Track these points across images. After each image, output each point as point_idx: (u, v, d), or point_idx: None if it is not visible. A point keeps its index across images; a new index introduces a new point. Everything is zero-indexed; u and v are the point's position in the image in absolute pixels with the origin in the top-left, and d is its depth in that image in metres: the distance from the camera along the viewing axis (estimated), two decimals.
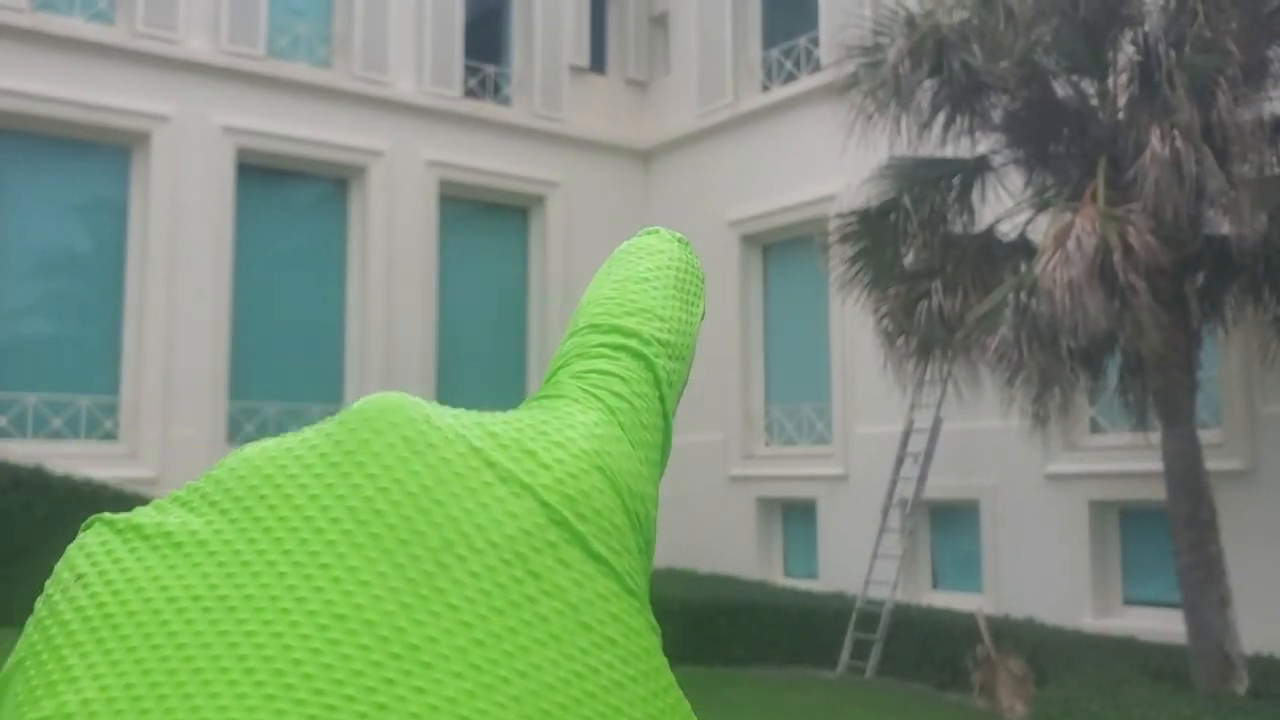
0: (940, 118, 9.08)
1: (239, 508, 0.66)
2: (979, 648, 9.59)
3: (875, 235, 9.47)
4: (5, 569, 9.32)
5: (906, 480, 11.95)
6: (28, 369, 12.48)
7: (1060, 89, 8.84)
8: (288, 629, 0.60)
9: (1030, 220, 9.17)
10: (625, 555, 0.71)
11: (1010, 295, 7.72)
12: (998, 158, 9.37)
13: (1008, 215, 9.35)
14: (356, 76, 14.62)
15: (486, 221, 15.94)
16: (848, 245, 9.75)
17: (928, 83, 8.81)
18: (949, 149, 9.32)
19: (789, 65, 15.30)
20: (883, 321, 9.36)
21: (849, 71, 9.32)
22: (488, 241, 15.94)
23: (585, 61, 16.68)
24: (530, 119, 16.05)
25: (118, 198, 13.18)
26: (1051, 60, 8.65)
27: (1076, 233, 7.38)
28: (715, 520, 14.98)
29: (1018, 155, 9.23)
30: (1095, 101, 8.68)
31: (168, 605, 0.60)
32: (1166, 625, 9.62)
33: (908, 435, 12.03)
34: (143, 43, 13.10)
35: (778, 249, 15.18)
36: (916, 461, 11.83)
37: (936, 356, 9.34)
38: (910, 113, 8.92)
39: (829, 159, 11.79)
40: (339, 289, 14.50)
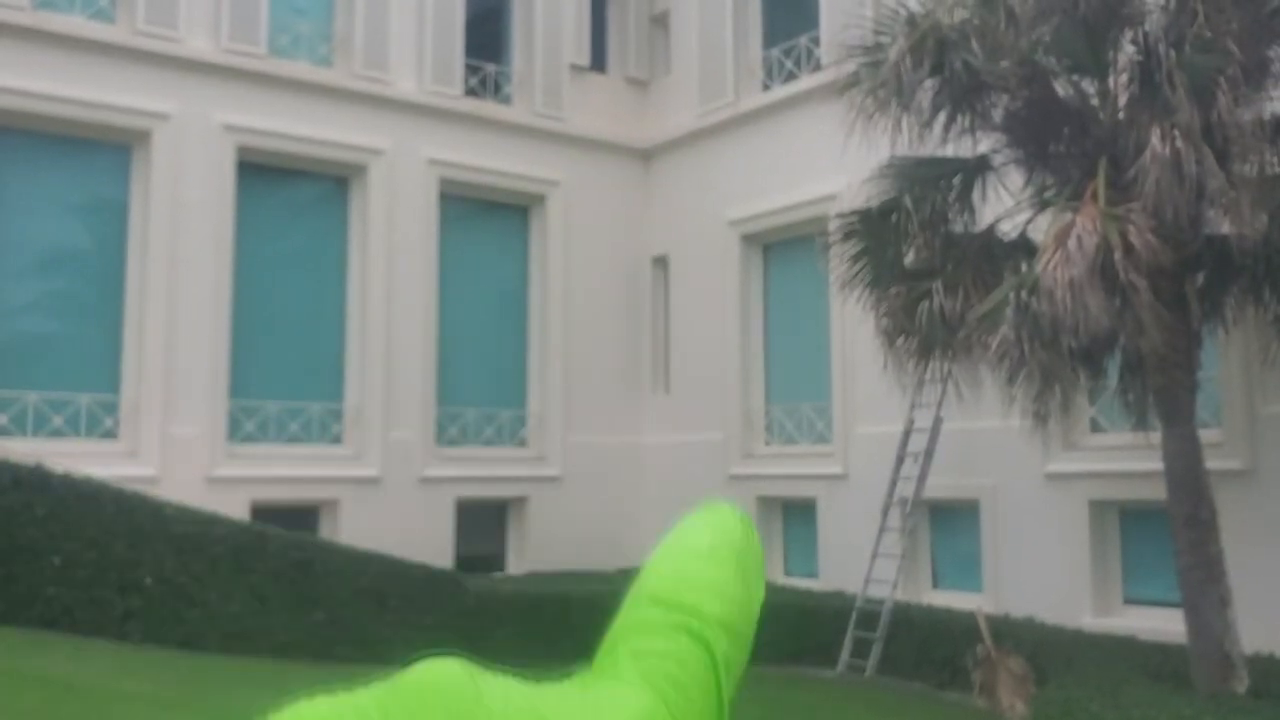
0: (941, 117, 9.06)
1: None
2: (979, 647, 9.59)
3: (876, 235, 9.47)
4: (5, 567, 9.31)
5: (907, 480, 11.96)
6: (28, 367, 12.47)
7: (1061, 88, 8.84)
8: None
9: (1031, 220, 9.17)
10: None
11: (1011, 294, 7.71)
12: (998, 157, 9.37)
13: (1008, 215, 9.34)
14: (357, 75, 14.62)
15: (487, 220, 15.94)
16: (848, 245, 9.75)
17: (928, 82, 8.80)
18: (950, 148, 9.31)
19: (790, 64, 15.29)
20: (883, 321, 9.36)
21: (850, 71, 9.31)
22: (488, 240, 15.93)
23: (586, 60, 16.68)
24: (531, 118, 16.05)
25: (118, 196, 13.18)
26: (1052, 60, 8.64)
27: (1077, 232, 7.37)
28: None
29: (1018, 155, 9.23)
30: (1096, 101, 8.68)
31: None
32: (1166, 625, 9.62)
33: (908, 435, 12.04)
34: (143, 41, 13.10)
35: (778, 248, 15.18)
36: (917, 461, 11.84)
37: (937, 356, 9.33)
38: (911, 112, 8.91)
39: (830, 158, 11.78)
40: (339, 287, 14.49)
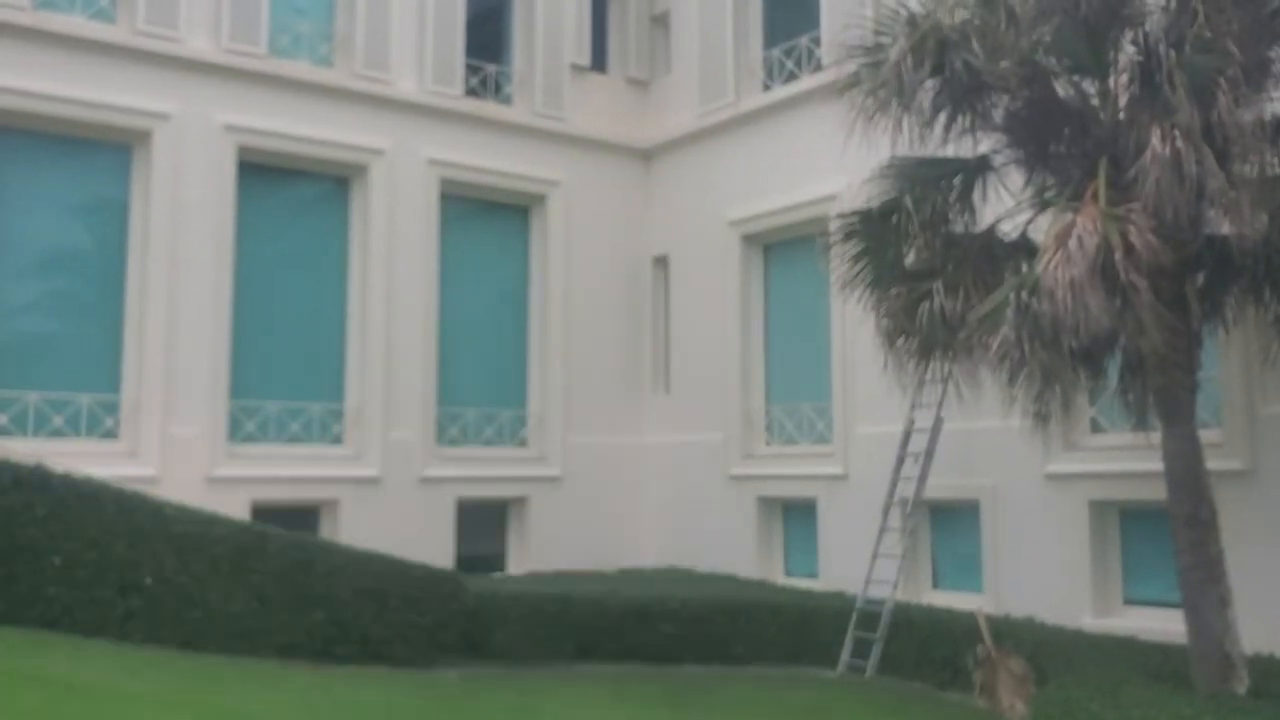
0: (941, 117, 9.05)
1: None
2: (979, 647, 9.59)
3: (876, 235, 9.47)
4: (6, 567, 9.29)
5: (907, 480, 11.95)
6: (28, 367, 12.48)
7: (1061, 89, 8.83)
8: None
9: (1031, 220, 9.17)
10: None
11: (1012, 295, 7.70)
12: (999, 157, 9.36)
13: (1009, 215, 9.34)
14: (358, 75, 14.62)
15: (487, 220, 15.94)
16: (849, 245, 9.75)
17: (929, 82, 8.79)
18: (950, 149, 9.30)
19: (790, 65, 15.30)
20: (883, 321, 9.36)
21: (850, 71, 9.30)
22: (489, 240, 15.93)
23: (586, 60, 16.69)
24: (531, 118, 16.06)
25: (119, 196, 13.18)
26: (1052, 60, 8.63)
27: (1078, 232, 7.37)
28: (716, 519, 15.00)
29: (1019, 155, 9.22)
30: (1096, 101, 8.67)
31: None
32: (1167, 625, 9.62)
33: (908, 435, 12.04)
34: (144, 41, 13.11)
35: (779, 249, 15.18)
36: (917, 461, 11.83)
37: (937, 356, 9.33)
38: (911, 112, 8.90)
39: (830, 159, 11.78)
40: (340, 287, 14.49)
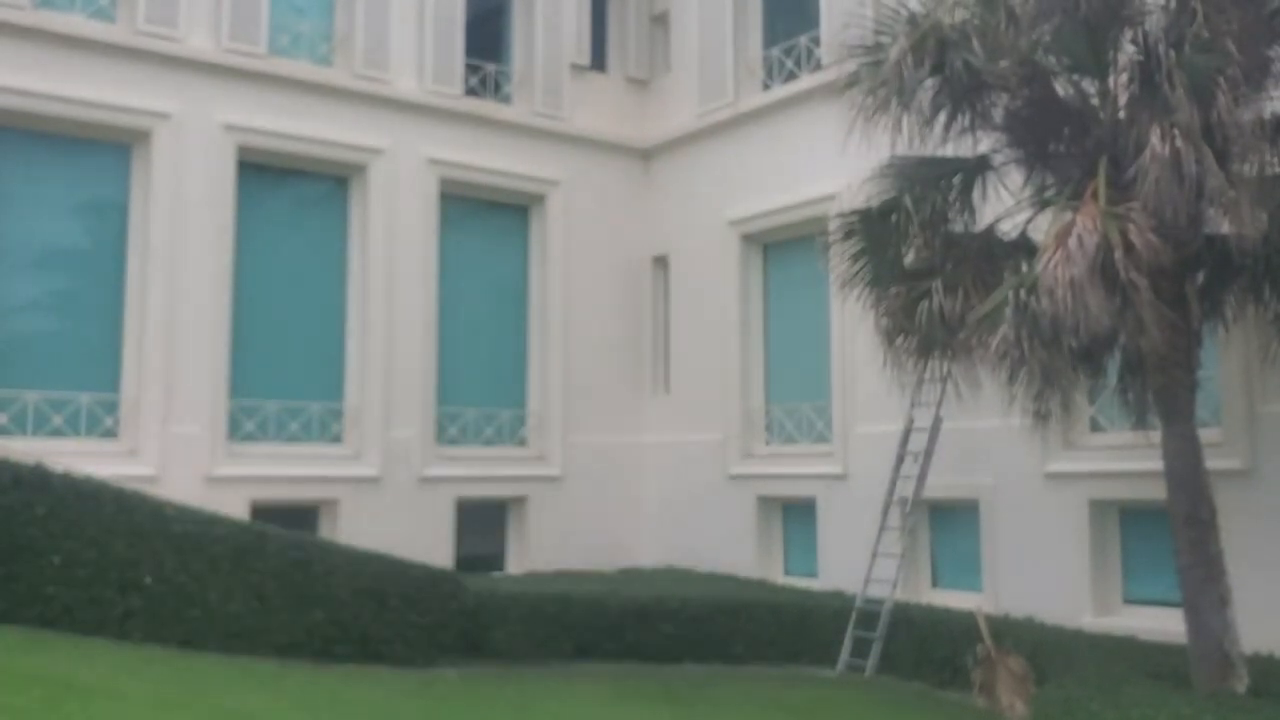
0: (941, 117, 9.04)
1: None
2: (979, 646, 9.60)
3: (876, 234, 9.45)
4: (5, 566, 9.29)
5: (906, 479, 11.96)
6: (28, 366, 12.47)
7: (1061, 88, 8.83)
8: None
9: (1031, 219, 9.16)
10: None
11: (1011, 294, 7.70)
12: (998, 157, 9.36)
13: (1008, 214, 9.34)
14: (357, 74, 14.62)
15: (487, 219, 15.94)
16: (848, 244, 9.74)
17: (929, 82, 8.78)
18: (950, 148, 9.29)
19: (790, 64, 15.30)
20: (883, 321, 9.35)
21: (850, 70, 9.29)
22: (488, 239, 15.93)
23: (586, 60, 16.68)
24: (531, 117, 16.06)
25: (118, 195, 13.18)
26: (1052, 60, 8.63)
27: (1078, 231, 7.37)
28: (715, 519, 15.00)
29: (1018, 154, 9.21)
30: (1096, 101, 8.67)
31: None
32: (1166, 624, 9.62)
33: (908, 434, 12.05)
34: (144, 40, 13.10)
35: (778, 248, 15.18)
36: (916, 460, 11.85)
37: (936, 356, 9.32)
38: (911, 112, 8.89)
39: (830, 158, 11.76)
40: (339, 287, 14.49)
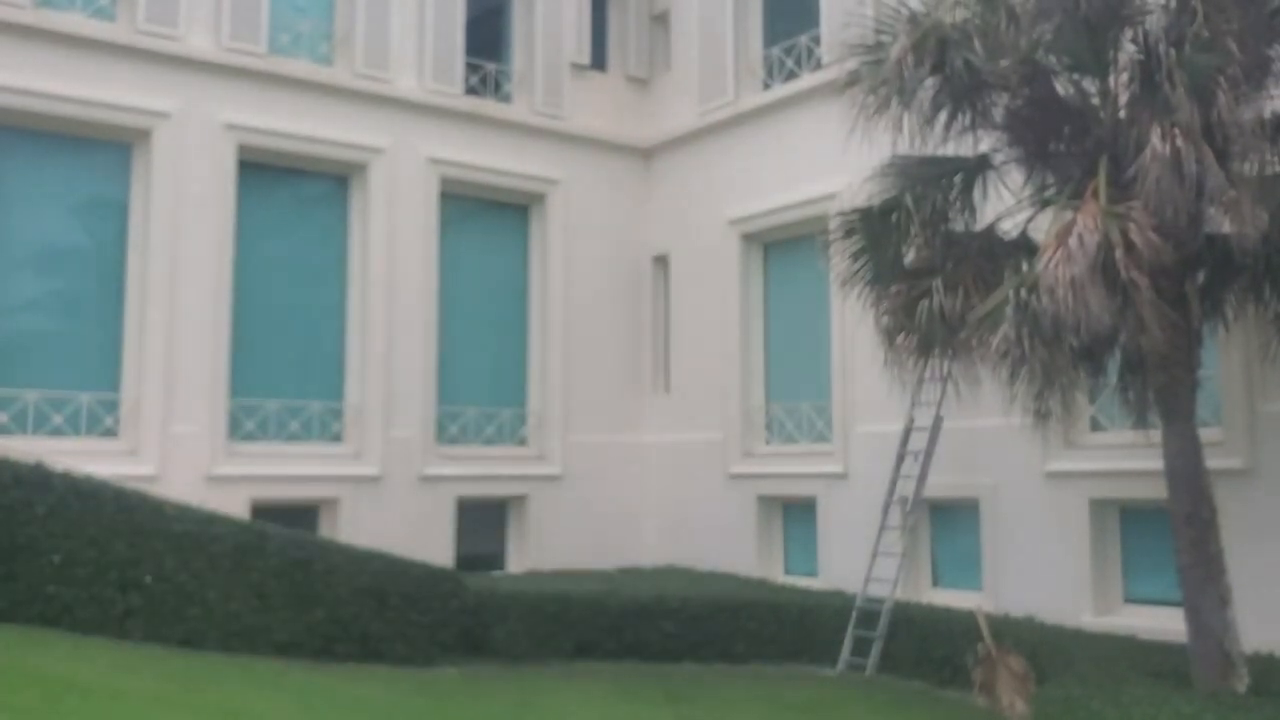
0: (942, 116, 9.05)
1: None
2: (979, 645, 9.59)
3: (876, 233, 9.45)
4: (5, 565, 9.29)
5: (907, 478, 11.96)
6: (28, 365, 12.47)
7: (1061, 87, 8.83)
8: None
9: (1031, 218, 9.17)
10: None
11: (1012, 293, 7.71)
12: (999, 156, 9.36)
13: (1009, 213, 9.34)
14: (358, 74, 14.62)
15: (487, 219, 15.93)
16: (849, 242, 9.73)
17: (929, 81, 8.77)
18: (950, 147, 9.30)
19: (790, 63, 15.29)
20: (883, 319, 9.35)
21: (851, 69, 9.30)
22: (488, 239, 15.93)
23: (586, 59, 16.68)
24: (531, 116, 16.06)
25: (119, 194, 13.17)
26: (1053, 59, 8.63)
27: (1078, 230, 7.37)
28: (715, 518, 15.00)
29: (1019, 153, 9.22)
30: (1096, 100, 8.67)
31: None
32: (1167, 623, 9.62)
33: (908, 433, 12.04)
34: (144, 39, 13.10)
35: (778, 247, 15.18)
36: (917, 459, 11.84)
37: (937, 355, 9.33)
38: (912, 111, 8.90)
39: (830, 157, 11.78)
40: (340, 286, 14.48)
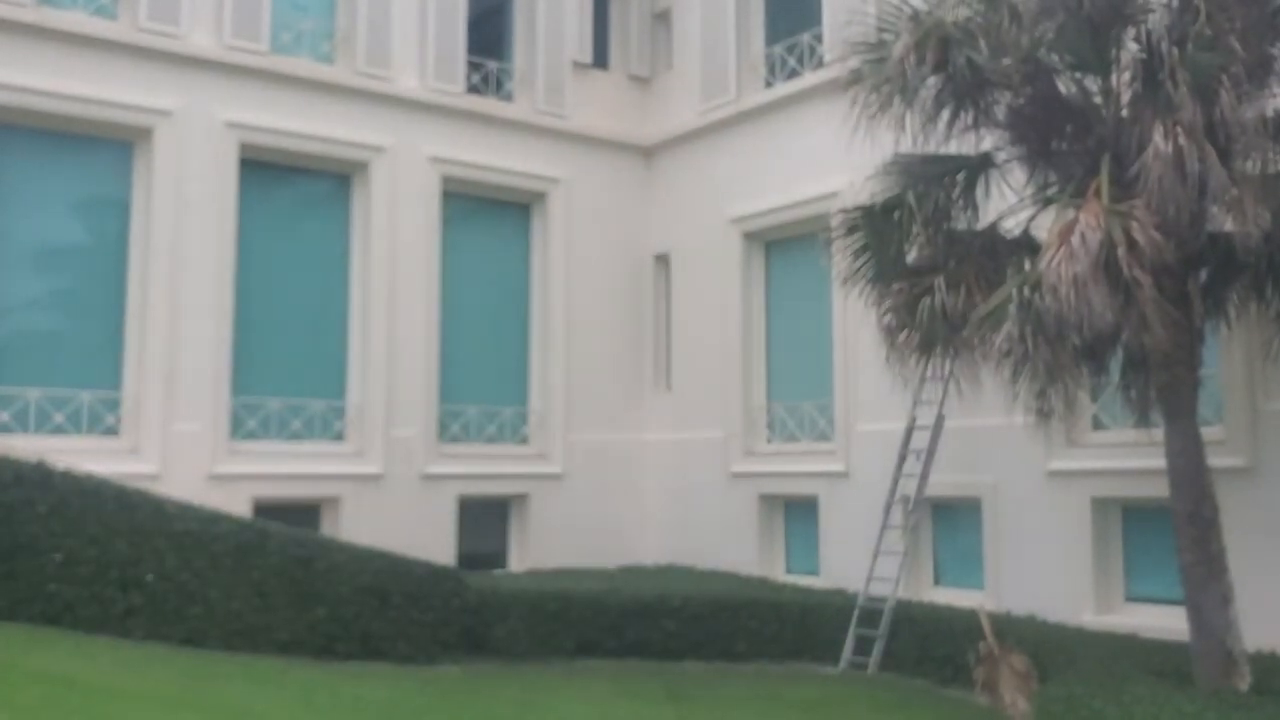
0: (944, 114, 9.02)
1: None
2: (981, 644, 9.58)
3: (878, 231, 9.44)
4: (7, 564, 9.30)
5: (909, 477, 11.95)
6: (30, 364, 12.47)
7: (1064, 86, 8.82)
8: None
9: (1033, 217, 9.15)
10: None
11: (1015, 291, 7.71)
12: (1001, 154, 9.35)
13: (1011, 212, 9.34)
14: (359, 72, 14.61)
15: (489, 217, 15.93)
16: (851, 239, 9.72)
17: (932, 79, 8.75)
18: (953, 146, 9.29)
19: (792, 61, 15.28)
20: (885, 317, 9.34)
21: (853, 68, 9.28)
22: (490, 237, 15.93)
23: (588, 57, 16.67)
24: (533, 115, 16.05)
25: (120, 193, 13.17)
26: (1055, 57, 8.61)
27: (1081, 228, 7.36)
28: (717, 517, 15.00)
29: (1021, 152, 9.21)
30: (1099, 99, 8.66)
31: None
32: (1169, 622, 9.61)
33: (910, 432, 12.04)
34: (145, 37, 13.09)
35: (780, 246, 15.17)
36: (919, 458, 11.84)
37: (939, 353, 9.32)
38: (914, 109, 8.89)
39: (832, 156, 11.76)
40: (341, 284, 14.48)
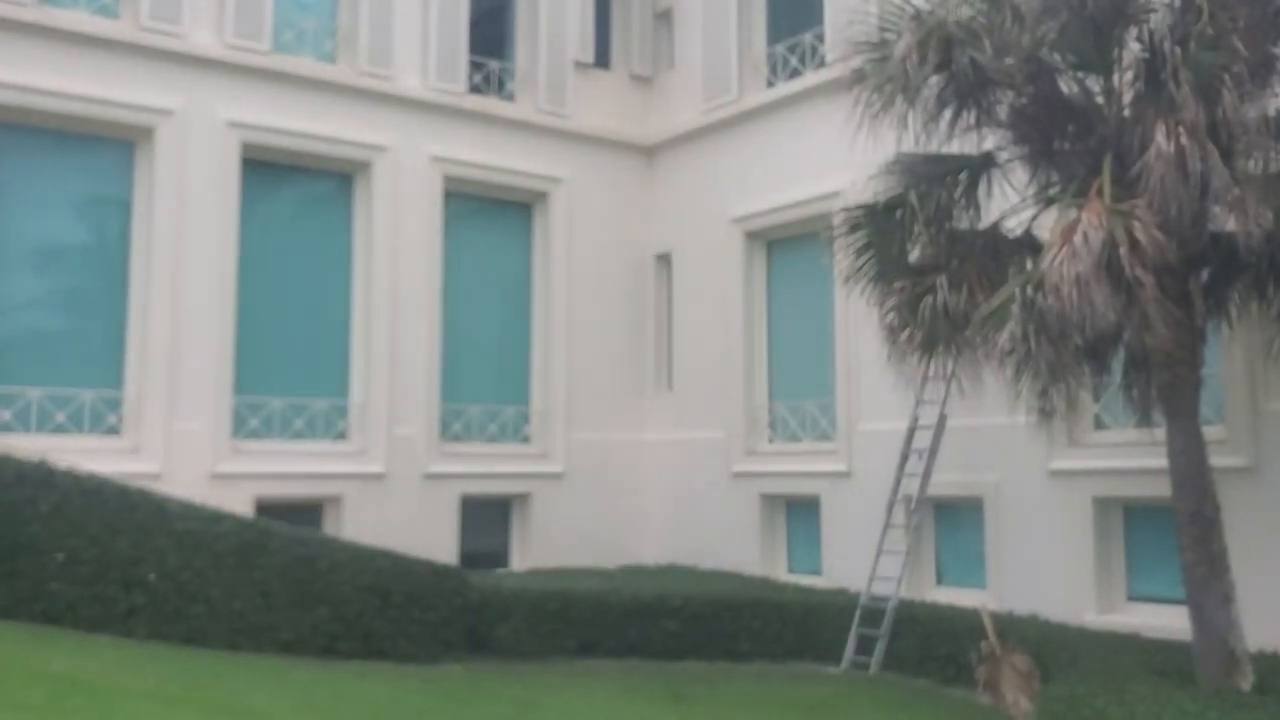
0: (946, 114, 9.03)
1: None
2: (983, 643, 9.59)
3: (881, 230, 9.43)
4: (9, 563, 9.30)
5: (911, 477, 11.95)
6: (32, 363, 12.47)
7: (1066, 86, 8.81)
8: None
9: (1035, 216, 9.16)
10: None
11: (1018, 290, 7.72)
12: (1003, 154, 9.34)
13: (1013, 211, 9.33)
14: (362, 71, 14.62)
15: (491, 217, 15.93)
16: (853, 237, 9.71)
17: (934, 79, 8.75)
18: (955, 145, 9.29)
19: (794, 61, 15.28)
20: (887, 316, 9.34)
21: (855, 67, 9.29)
22: (492, 237, 15.93)
23: (590, 57, 16.66)
24: (535, 114, 16.05)
25: (122, 192, 13.17)
26: (1057, 57, 8.61)
27: (1083, 228, 7.36)
28: (719, 517, 15.00)
29: (1023, 151, 9.21)
30: (1101, 98, 8.65)
31: None
32: (1171, 621, 9.61)
33: (912, 432, 12.03)
34: (147, 36, 13.09)
35: (782, 245, 15.17)
36: (921, 458, 11.84)
37: (941, 352, 9.32)
38: (916, 108, 8.90)
39: (834, 155, 11.76)
40: (343, 284, 14.48)
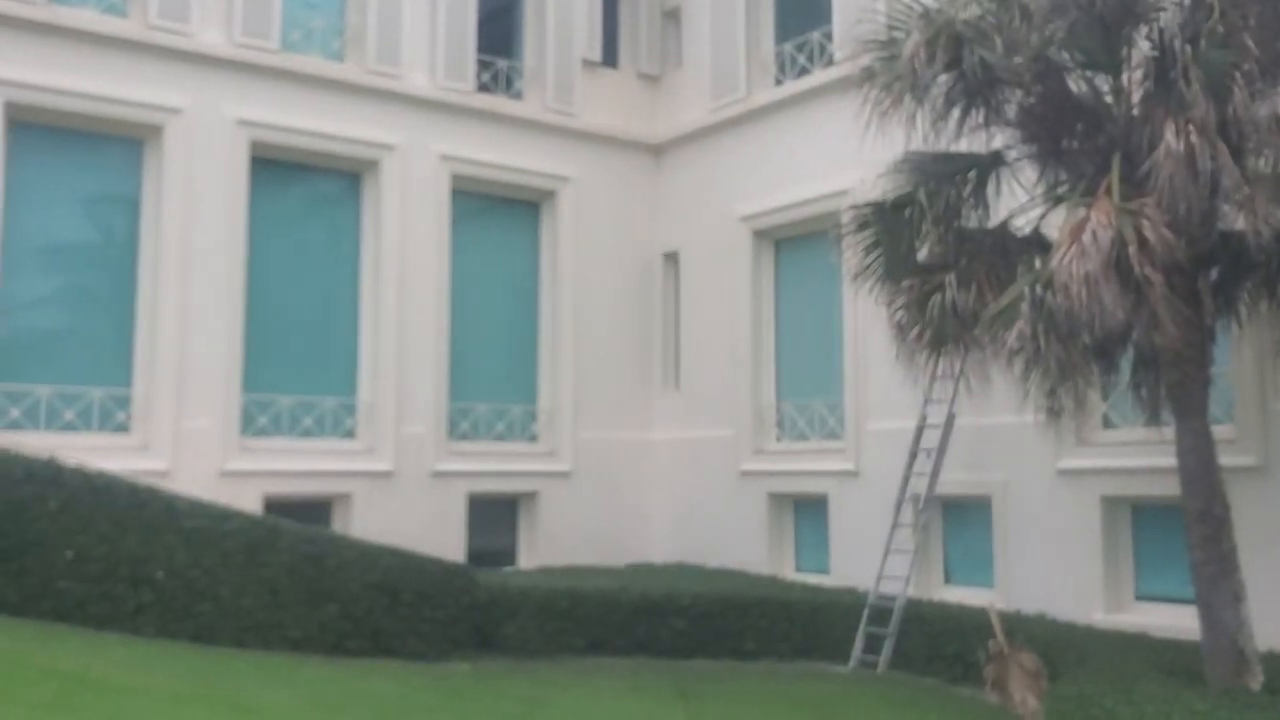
0: (955, 112, 9.03)
1: None
2: (991, 642, 9.58)
3: (889, 228, 9.43)
4: (18, 561, 9.32)
5: (919, 476, 11.93)
6: (40, 361, 12.51)
7: (1075, 84, 8.80)
8: None
9: (1044, 215, 9.14)
10: None
11: (1027, 289, 7.71)
12: (1012, 152, 9.33)
13: (1022, 210, 9.32)
14: (370, 70, 14.63)
15: (498, 215, 15.94)
16: (862, 235, 9.71)
17: (943, 77, 8.75)
18: (963, 144, 9.29)
19: (802, 59, 15.27)
20: (896, 314, 9.33)
21: (864, 66, 9.28)
22: (499, 235, 15.94)
23: (597, 55, 16.67)
24: (542, 113, 16.05)
25: (131, 190, 13.20)
26: (1066, 56, 8.60)
27: (1092, 227, 7.35)
28: (726, 515, 15.00)
29: (1032, 150, 9.20)
30: (1110, 97, 8.65)
31: None
32: (1180, 621, 9.60)
33: (920, 431, 12.01)
34: (156, 35, 13.11)
35: (790, 244, 15.16)
36: (929, 457, 11.82)
37: (949, 351, 9.31)
38: (925, 107, 8.90)
39: (842, 153, 11.76)
40: (352, 282, 14.51)
